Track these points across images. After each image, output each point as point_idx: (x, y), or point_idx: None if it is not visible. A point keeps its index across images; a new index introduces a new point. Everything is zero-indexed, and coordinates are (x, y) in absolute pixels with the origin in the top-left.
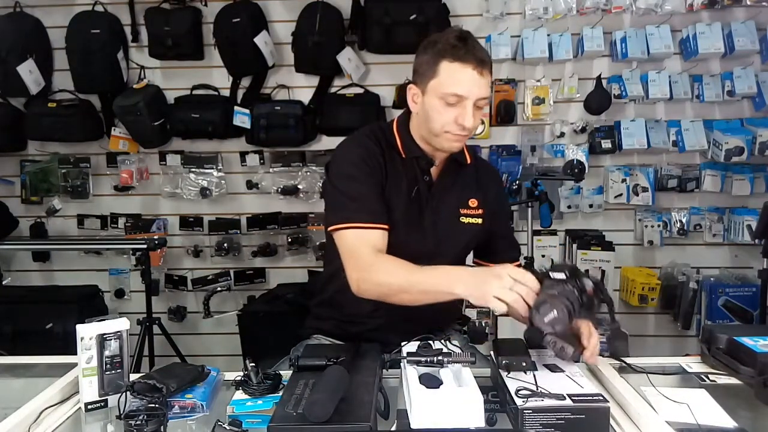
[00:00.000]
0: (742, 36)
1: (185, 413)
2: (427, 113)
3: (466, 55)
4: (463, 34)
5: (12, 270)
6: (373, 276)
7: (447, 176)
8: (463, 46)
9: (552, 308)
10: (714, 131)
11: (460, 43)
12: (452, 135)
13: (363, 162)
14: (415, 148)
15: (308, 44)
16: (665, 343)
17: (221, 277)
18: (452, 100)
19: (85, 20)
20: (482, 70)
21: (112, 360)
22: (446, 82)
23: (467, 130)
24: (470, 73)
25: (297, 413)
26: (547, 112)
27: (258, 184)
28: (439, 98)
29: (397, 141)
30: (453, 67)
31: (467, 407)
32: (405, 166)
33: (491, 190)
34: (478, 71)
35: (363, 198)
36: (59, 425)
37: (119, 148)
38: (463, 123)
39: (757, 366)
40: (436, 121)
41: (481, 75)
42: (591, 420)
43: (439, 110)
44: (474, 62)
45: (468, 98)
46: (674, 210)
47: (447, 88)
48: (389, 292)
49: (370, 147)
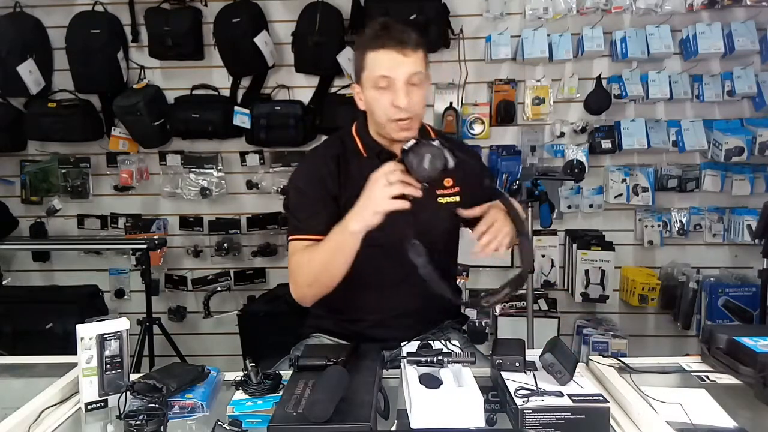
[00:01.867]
0: (742, 36)
1: (185, 413)
2: (369, 107)
3: (385, 40)
4: (384, 23)
5: (12, 270)
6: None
7: None
8: (383, 33)
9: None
10: (714, 131)
11: (381, 31)
12: (396, 123)
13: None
14: (374, 144)
15: (308, 44)
16: (665, 343)
17: (221, 277)
18: (383, 84)
19: (85, 20)
20: (404, 50)
21: (112, 360)
22: (373, 69)
23: (407, 111)
24: (392, 54)
25: (297, 413)
26: (547, 112)
27: (258, 184)
28: (373, 87)
29: (357, 143)
30: (376, 55)
31: (467, 407)
32: (367, 165)
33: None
34: (399, 51)
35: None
36: (59, 425)
37: (119, 148)
38: (398, 104)
39: (757, 366)
40: (376, 110)
41: (404, 54)
42: (591, 420)
43: (376, 99)
44: (393, 44)
45: (395, 78)
46: (674, 210)
47: (374, 73)
48: (316, 281)
49: (323, 159)
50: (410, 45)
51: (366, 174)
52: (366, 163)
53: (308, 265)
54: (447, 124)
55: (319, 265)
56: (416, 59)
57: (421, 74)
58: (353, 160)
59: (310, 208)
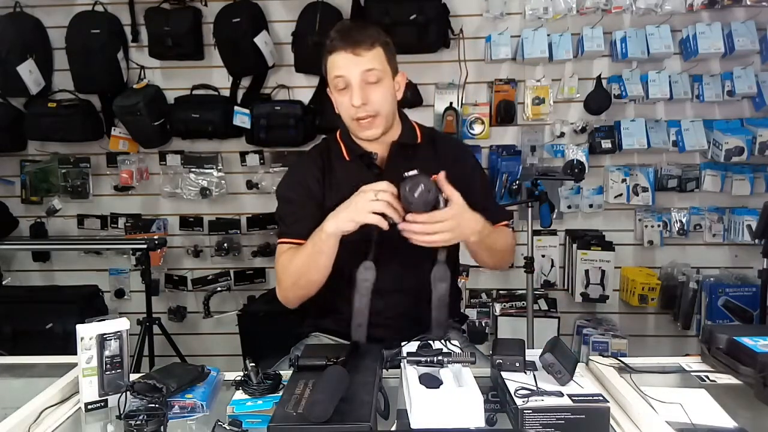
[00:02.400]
0: (742, 36)
1: (185, 413)
2: (337, 109)
3: (338, 43)
4: (340, 27)
5: (12, 270)
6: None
7: (396, 163)
8: (337, 35)
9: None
10: (714, 131)
11: (336, 35)
12: (357, 122)
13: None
14: (356, 147)
15: (308, 44)
16: (665, 343)
17: (221, 277)
18: (341, 85)
19: (85, 20)
20: (356, 50)
21: (112, 360)
22: (330, 72)
23: (365, 110)
24: (344, 55)
25: (297, 413)
26: (547, 112)
27: (258, 184)
28: (335, 90)
29: (341, 146)
30: (331, 59)
31: (467, 407)
32: (351, 168)
33: (455, 165)
34: (351, 51)
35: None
36: (59, 425)
37: (119, 148)
38: (353, 102)
39: (757, 366)
40: (341, 111)
41: (356, 54)
42: (591, 420)
43: (338, 100)
44: (345, 46)
45: (348, 77)
46: (674, 210)
47: (331, 75)
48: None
49: (307, 165)
50: (364, 44)
51: (350, 177)
52: (350, 167)
53: (289, 266)
54: (447, 124)
55: (299, 266)
56: (371, 57)
57: (378, 71)
58: (338, 164)
59: (295, 214)
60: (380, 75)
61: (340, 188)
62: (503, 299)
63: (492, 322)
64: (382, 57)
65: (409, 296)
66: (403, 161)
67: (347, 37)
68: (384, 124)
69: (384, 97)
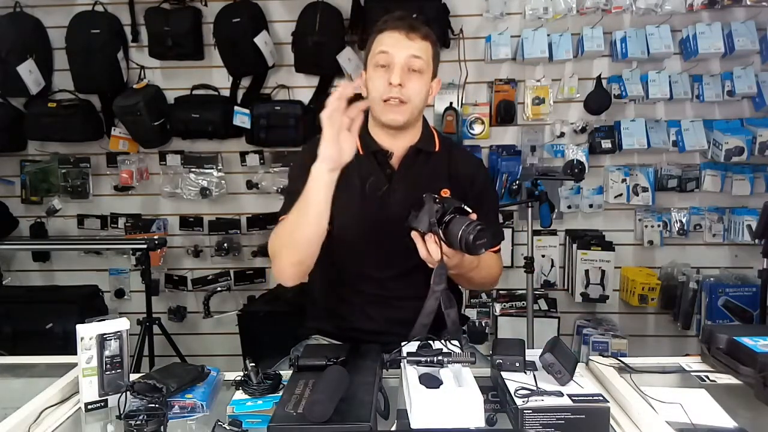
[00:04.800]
0: (742, 36)
1: (185, 413)
2: (368, 88)
3: (394, 23)
4: (400, 14)
5: (12, 270)
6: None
7: (410, 166)
8: (393, 18)
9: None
10: (714, 131)
11: (391, 17)
12: (387, 104)
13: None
14: (371, 142)
15: (308, 44)
16: (665, 343)
17: (221, 277)
18: (382, 61)
19: (85, 20)
20: (410, 34)
21: (112, 360)
22: (375, 48)
23: (400, 92)
24: (396, 35)
25: (297, 413)
26: (547, 112)
27: (258, 184)
28: (373, 66)
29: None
30: (381, 36)
31: (467, 407)
32: (363, 164)
33: (466, 179)
34: (405, 34)
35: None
36: (59, 425)
37: (119, 148)
38: (391, 80)
39: (757, 366)
40: (372, 90)
41: (409, 38)
42: (591, 420)
43: (373, 78)
44: (401, 27)
45: (394, 54)
46: (674, 210)
47: (376, 50)
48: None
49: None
50: (419, 32)
51: (360, 172)
52: (362, 161)
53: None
54: (447, 124)
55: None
56: (421, 46)
57: (423, 62)
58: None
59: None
60: (423, 67)
61: (349, 182)
62: (503, 299)
63: (492, 322)
64: (430, 53)
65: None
66: (417, 166)
67: (404, 20)
68: (409, 114)
69: (420, 89)
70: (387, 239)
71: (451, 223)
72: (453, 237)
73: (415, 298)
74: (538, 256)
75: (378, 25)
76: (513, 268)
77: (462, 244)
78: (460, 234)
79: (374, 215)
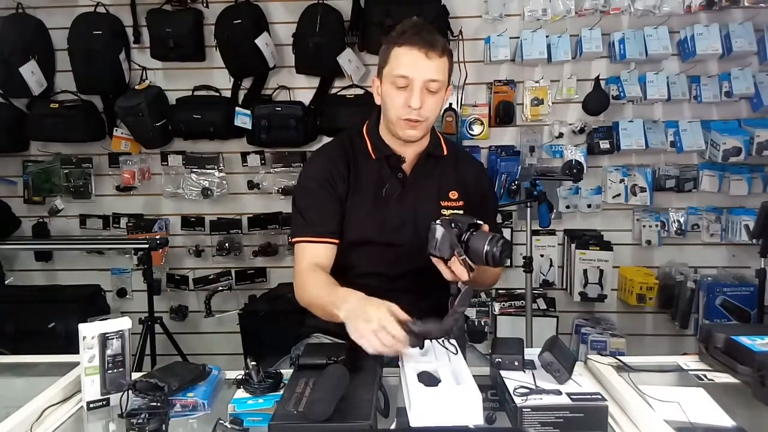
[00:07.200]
0: (739, 37)
1: (187, 412)
2: (384, 101)
3: (413, 39)
4: (416, 23)
5: (15, 270)
6: (300, 292)
7: (422, 171)
8: (413, 32)
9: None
10: (712, 132)
11: (410, 30)
12: (405, 122)
13: (321, 177)
14: (384, 147)
15: (309, 45)
16: (663, 342)
17: (222, 277)
18: (401, 83)
19: (87, 21)
20: (429, 53)
21: (114, 359)
22: (394, 65)
23: (419, 114)
24: (416, 54)
25: (298, 412)
26: (545, 113)
27: (259, 185)
28: (391, 83)
29: (368, 144)
30: (400, 51)
31: (466, 405)
32: (375, 168)
33: (471, 182)
34: (425, 53)
35: (313, 214)
36: (61, 424)
37: (121, 148)
38: (411, 103)
39: (755, 365)
40: (390, 107)
41: (428, 57)
42: (589, 418)
43: (391, 95)
44: (421, 45)
45: (413, 79)
46: (672, 210)
47: (395, 71)
48: (310, 306)
49: (333, 159)
50: (436, 49)
51: (373, 177)
52: (374, 166)
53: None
54: (446, 124)
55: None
56: (439, 65)
57: (440, 83)
58: (362, 161)
59: (318, 209)
60: (440, 87)
61: (363, 187)
62: (502, 298)
63: (491, 321)
64: (446, 68)
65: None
66: (428, 171)
67: (421, 34)
68: (425, 130)
69: (436, 106)
70: (397, 240)
71: (471, 241)
72: (476, 254)
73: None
74: (537, 255)
75: (393, 36)
76: (512, 267)
77: (488, 259)
78: (485, 250)
79: (387, 218)
